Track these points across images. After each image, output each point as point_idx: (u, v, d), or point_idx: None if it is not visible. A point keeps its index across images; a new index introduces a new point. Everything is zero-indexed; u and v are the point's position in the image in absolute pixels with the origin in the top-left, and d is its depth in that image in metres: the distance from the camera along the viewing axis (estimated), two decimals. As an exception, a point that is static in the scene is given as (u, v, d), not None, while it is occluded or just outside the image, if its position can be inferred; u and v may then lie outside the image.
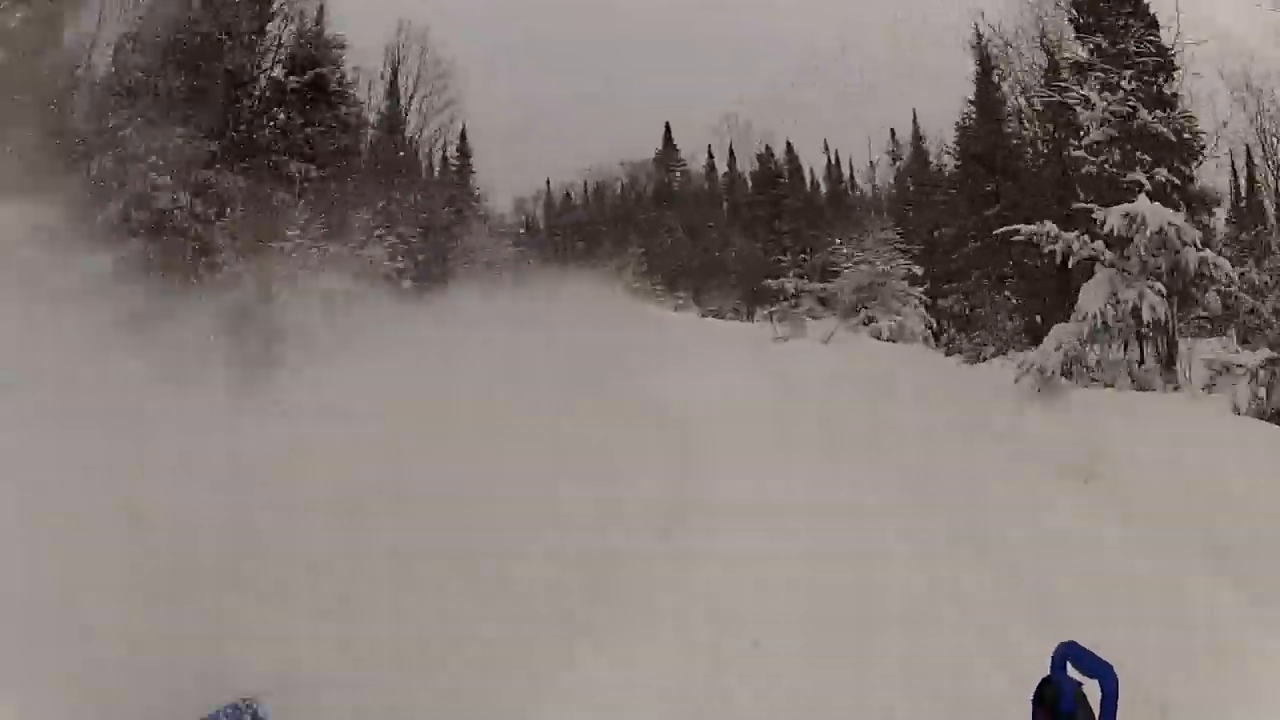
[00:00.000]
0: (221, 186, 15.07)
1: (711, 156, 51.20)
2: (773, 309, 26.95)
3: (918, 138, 27.65)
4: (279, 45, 17.46)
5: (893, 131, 28.08)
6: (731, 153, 49.40)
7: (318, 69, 17.18)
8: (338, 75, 17.74)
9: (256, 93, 16.58)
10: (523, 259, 43.24)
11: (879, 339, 21.77)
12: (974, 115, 26.48)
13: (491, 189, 46.17)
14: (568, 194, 60.19)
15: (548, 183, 58.37)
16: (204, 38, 16.37)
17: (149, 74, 16.11)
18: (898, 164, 28.19)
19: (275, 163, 16.35)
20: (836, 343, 21.04)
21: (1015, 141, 25.43)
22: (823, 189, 43.70)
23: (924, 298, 23.45)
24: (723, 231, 45.33)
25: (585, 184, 59.47)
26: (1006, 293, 19.94)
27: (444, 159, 43.84)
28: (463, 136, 43.59)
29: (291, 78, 17.22)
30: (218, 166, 15.14)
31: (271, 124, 16.63)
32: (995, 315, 19.94)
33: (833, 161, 41.47)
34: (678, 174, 52.01)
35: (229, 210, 13.90)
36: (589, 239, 53.83)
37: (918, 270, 23.60)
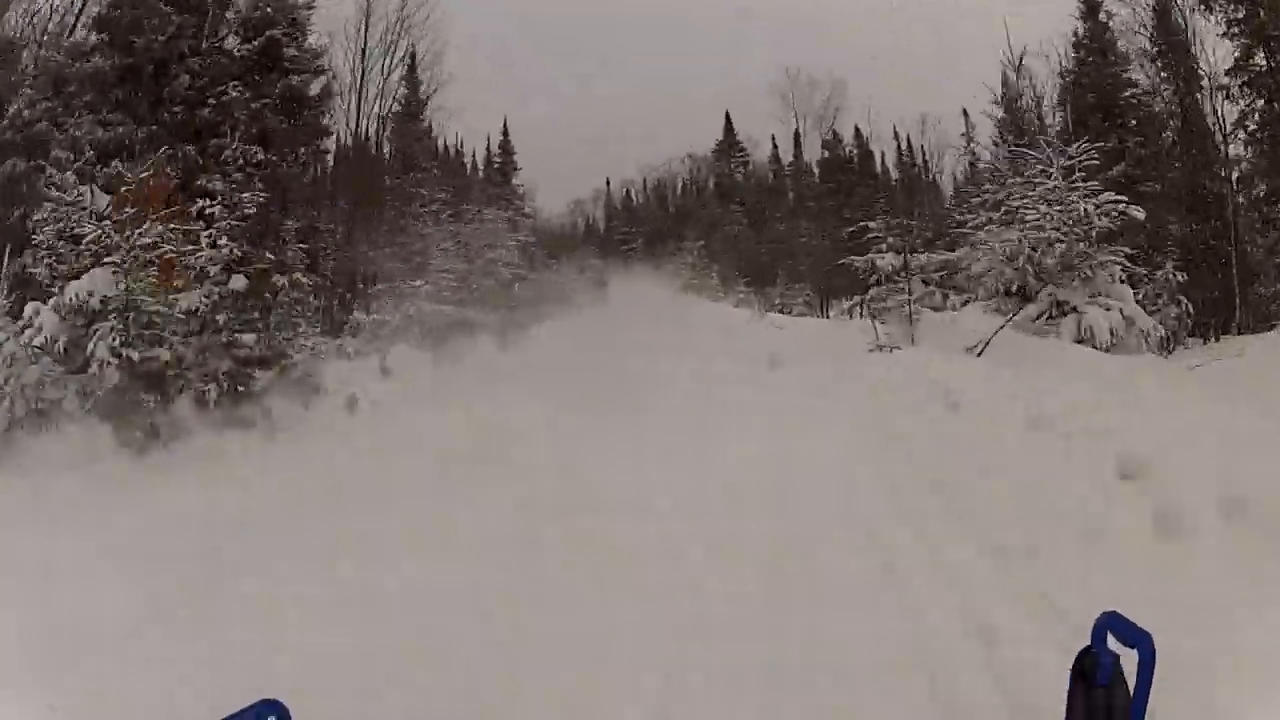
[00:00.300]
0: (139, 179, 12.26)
1: (776, 146, 47.95)
2: (861, 299, 19.25)
3: (1010, 98, 23.34)
4: (235, 10, 14.49)
5: (1002, 89, 23.47)
6: (797, 140, 45.76)
7: (270, 31, 14.11)
8: (296, 40, 14.60)
9: (199, 67, 13.66)
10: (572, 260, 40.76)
11: (1084, 343, 12.75)
12: (1082, 62, 21.93)
13: (536, 188, 43.80)
14: (627, 192, 57.53)
15: (607, 182, 55.79)
16: (141, 6, 13.53)
17: (75, 58, 13.40)
18: (998, 123, 23.33)
19: (213, 147, 13.42)
20: (1000, 355, 12.09)
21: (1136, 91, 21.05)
22: (893, 174, 40.11)
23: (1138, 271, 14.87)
24: (789, 221, 41.82)
25: (644, 181, 56.55)
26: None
27: (488, 155, 41.54)
28: (505, 131, 41.18)
29: (243, 46, 14.22)
30: (141, 155, 12.27)
31: (213, 101, 13.69)
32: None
33: (903, 146, 37.48)
34: (739, 165, 48.81)
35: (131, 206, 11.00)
36: (649, 237, 50.95)
37: (1138, 213, 14.36)
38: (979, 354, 12.89)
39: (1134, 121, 19.64)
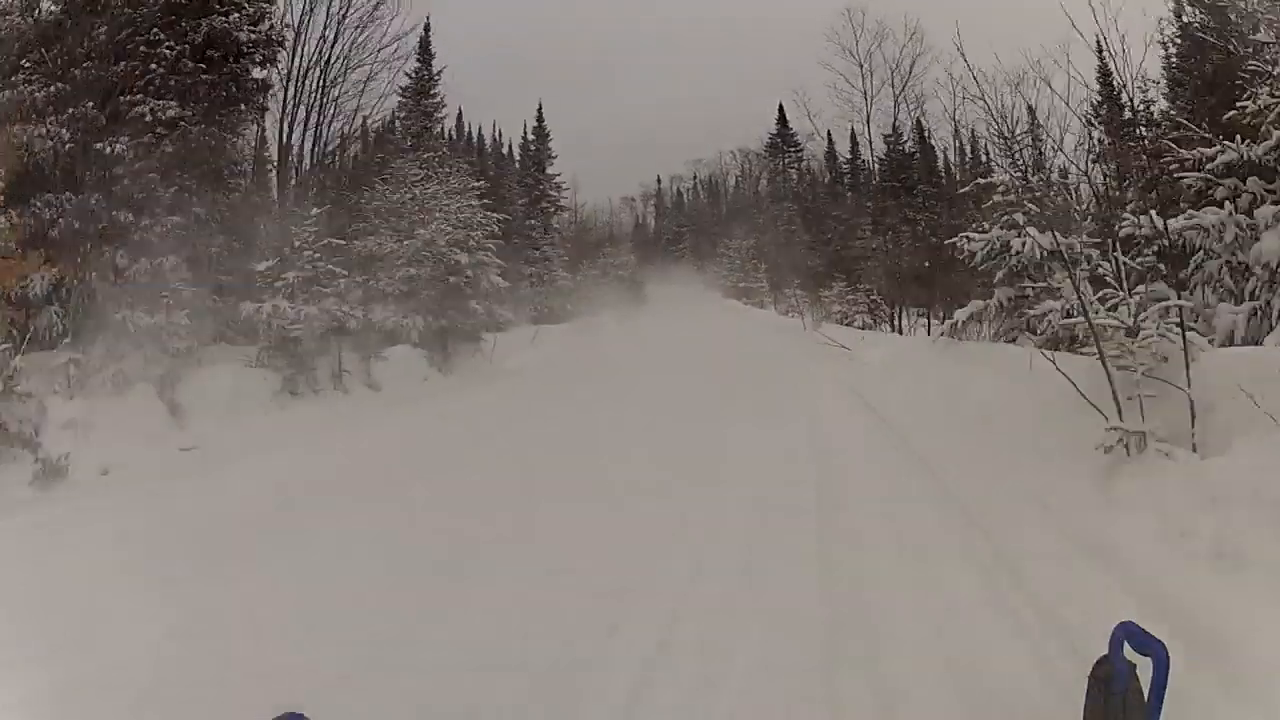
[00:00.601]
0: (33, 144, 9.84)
1: (832, 142, 44.52)
2: (985, 306, 11.97)
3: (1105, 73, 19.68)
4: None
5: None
6: (854, 137, 42.31)
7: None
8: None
9: (125, 17, 11.22)
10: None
11: None
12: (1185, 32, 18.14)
13: (579, 182, 41.12)
14: (678, 190, 54.73)
15: (658, 180, 53.17)
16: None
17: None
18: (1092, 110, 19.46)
19: (123, 105, 10.96)
20: None
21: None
22: (956, 175, 36.51)
23: None
24: (850, 221, 38.41)
25: (695, 177, 53.59)
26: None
27: (524, 140, 38.97)
28: (539, 116, 38.54)
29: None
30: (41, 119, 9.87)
31: (132, 51, 11.24)
32: None
33: (965, 147, 33.90)
34: (793, 161, 45.49)
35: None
36: (698, 235, 48.01)
37: None
38: None
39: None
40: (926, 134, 35.41)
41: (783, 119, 46.16)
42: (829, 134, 44.78)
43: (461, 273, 16.26)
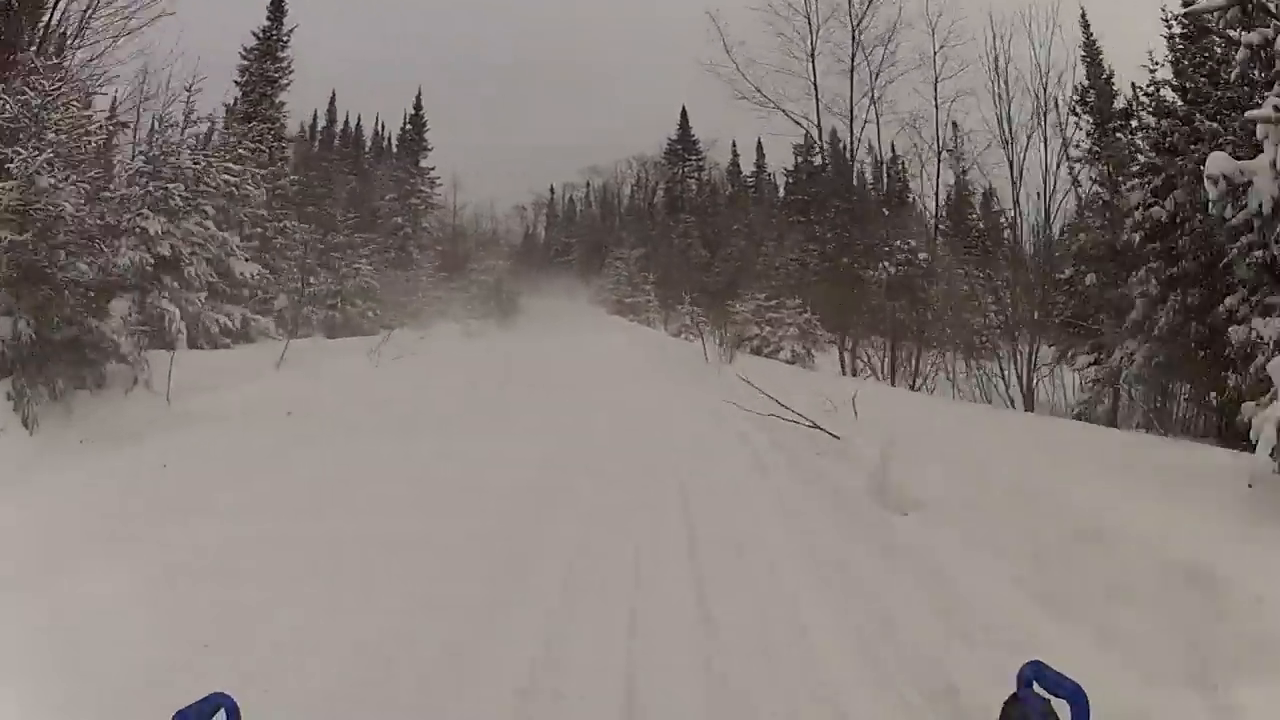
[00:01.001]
0: None
1: (737, 154, 41.22)
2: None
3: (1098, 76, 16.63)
4: None
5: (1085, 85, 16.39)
6: (760, 147, 39.06)
7: None
8: None
9: None
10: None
11: None
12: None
13: (459, 180, 36.20)
14: (571, 200, 50.32)
15: (551, 190, 48.57)
16: None
17: None
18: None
19: None
20: None
21: None
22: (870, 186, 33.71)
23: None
24: (753, 238, 34.94)
25: (589, 185, 49.38)
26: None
27: (403, 132, 33.73)
28: (418, 104, 33.40)
29: None
30: None
31: None
32: None
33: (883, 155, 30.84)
34: (694, 168, 41.94)
35: None
36: (588, 246, 43.80)
37: None
38: None
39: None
40: (843, 146, 31.92)
41: (684, 124, 42.63)
42: (733, 144, 41.34)
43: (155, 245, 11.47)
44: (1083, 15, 18.10)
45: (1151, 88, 12.34)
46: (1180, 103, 11.57)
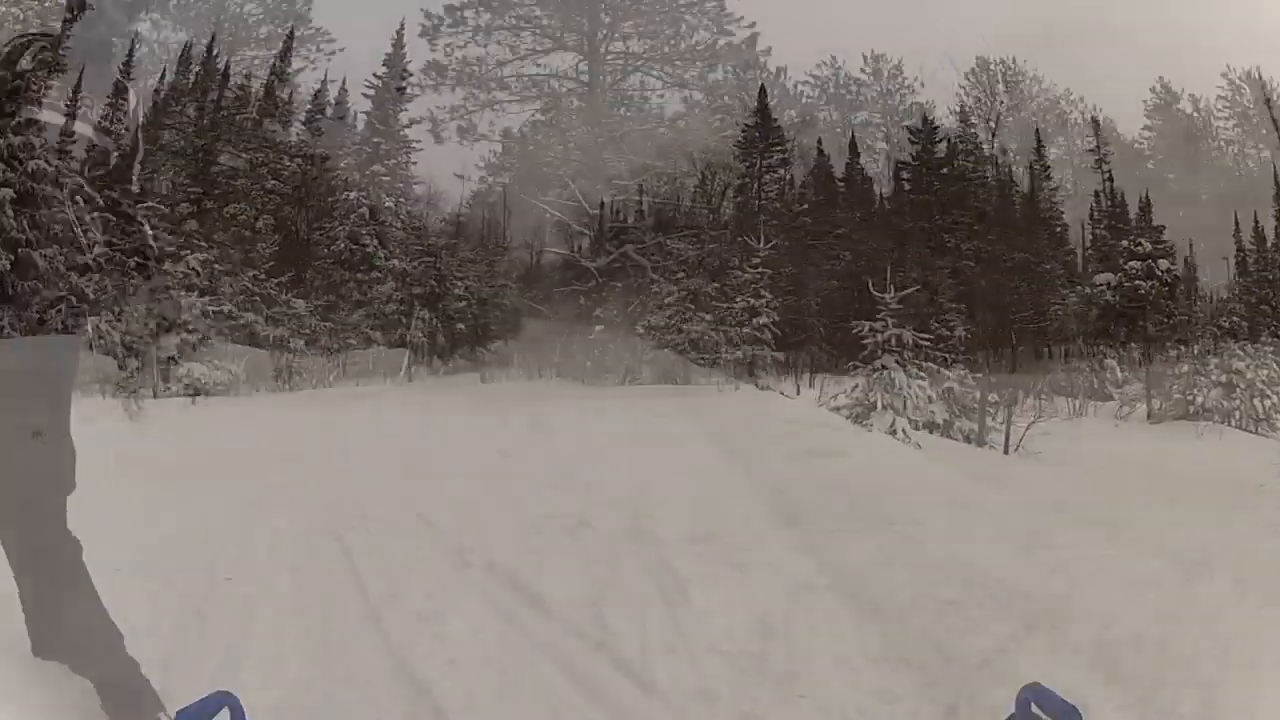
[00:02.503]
0: None
1: (821, 145, 31.13)
2: None
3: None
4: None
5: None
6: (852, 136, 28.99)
7: None
8: None
9: None
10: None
11: None
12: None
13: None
14: (613, 210, 41.02)
15: (603, 204, 39.26)
16: None
17: None
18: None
19: None
20: None
21: None
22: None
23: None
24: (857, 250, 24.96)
25: (640, 188, 40.02)
26: None
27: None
28: (399, 38, 24.06)
29: None
30: None
31: None
32: None
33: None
34: (779, 162, 32.07)
35: None
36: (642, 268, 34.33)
37: None
38: None
39: None
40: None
41: (763, 100, 32.56)
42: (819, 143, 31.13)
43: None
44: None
45: None
46: None
